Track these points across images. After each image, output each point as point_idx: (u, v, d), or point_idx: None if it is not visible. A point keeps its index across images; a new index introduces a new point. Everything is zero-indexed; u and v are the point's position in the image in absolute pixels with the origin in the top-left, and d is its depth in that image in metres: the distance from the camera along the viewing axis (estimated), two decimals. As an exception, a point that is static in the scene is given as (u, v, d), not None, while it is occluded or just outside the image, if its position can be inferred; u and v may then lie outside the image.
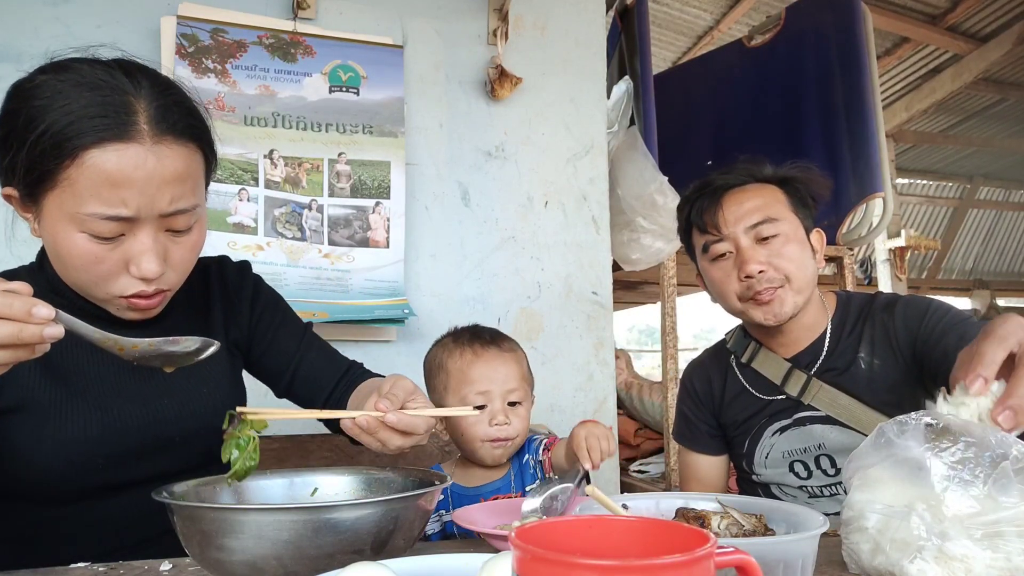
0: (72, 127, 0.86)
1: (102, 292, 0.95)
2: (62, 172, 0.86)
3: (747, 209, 1.39)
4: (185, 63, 1.82)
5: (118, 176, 0.86)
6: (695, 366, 1.62)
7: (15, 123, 0.89)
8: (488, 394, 1.28)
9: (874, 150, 2.54)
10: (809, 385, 1.40)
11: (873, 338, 1.39)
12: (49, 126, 0.86)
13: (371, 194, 1.97)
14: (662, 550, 0.49)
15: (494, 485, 1.30)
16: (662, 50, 5.85)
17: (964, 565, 0.73)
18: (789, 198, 1.43)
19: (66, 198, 0.87)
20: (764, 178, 1.45)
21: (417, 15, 2.10)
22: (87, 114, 0.86)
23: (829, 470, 1.38)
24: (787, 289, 1.37)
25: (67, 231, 0.89)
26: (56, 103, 0.87)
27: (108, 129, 0.86)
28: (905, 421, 0.82)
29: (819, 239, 1.45)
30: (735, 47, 3.13)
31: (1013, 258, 10.94)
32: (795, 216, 1.41)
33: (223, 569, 0.76)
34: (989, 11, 5.50)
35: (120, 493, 1.04)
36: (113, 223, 0.88)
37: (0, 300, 0.70)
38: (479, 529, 0.97)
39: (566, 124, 2.24)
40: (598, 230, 2.25)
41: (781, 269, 1.36)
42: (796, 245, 1.38)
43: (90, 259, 0.90)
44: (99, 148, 0.86)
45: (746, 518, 0.87)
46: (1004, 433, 0.78)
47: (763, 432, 1.45)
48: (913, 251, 6.94)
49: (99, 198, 0.87)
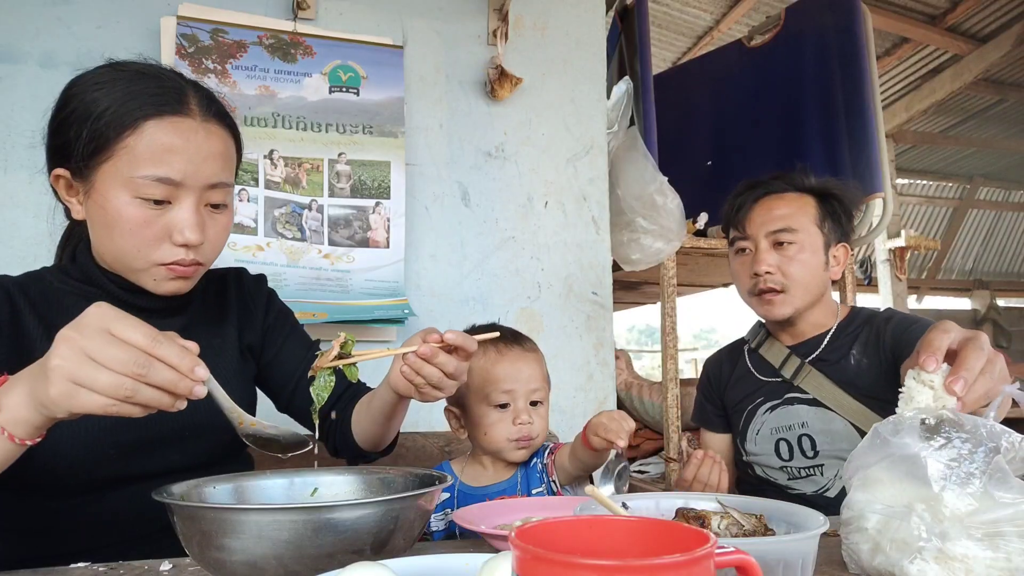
0: (134, 101, 0.98)
1: (143, 260, 1.01)
2: (121, 142, 0.96)
3: (773, 216, 1.57)
4: (185, 63, 1.82)
5: (172, 144, 0.98)
6: (712, 358, 1.83)
7: (74, 107, 0.99)
8: (512, 393, 1.27)
9: (874, 150, 2.54)
10: (801, 369, 1.57)
11: (867, 341, 1.55)
12: (112, 103, 0.97)
13: (371, 194, 1.97)
14: (662, 550, 0.49)
15: (501, 486, 1.30)
16: (662, 50, 5.85)
17: (964, 565, 0.73)
18: (820, 211, 1.58)
19: (122, 165, 0.97)
20: (803, 188, 1.60)
21: (417, 15, 2.10)
22: (147, 92, 0.99)
23: (808, 451, 1.54)
24: (788, 295, 1.55)
25: (120, 196, 0.98)
26: (118, 86, 0.99)
27: (166, 104, 0.99)
28: (899, 420, 0.83)
29: (844, 253, 1.61)
30: (735, 47, 3.13)
31: (1013, 258, 10.94)
32: (818, 229, 1.57)
33: (223, 569, 0.76)
34: (989, 11, 5.51)
35: (128, 486, 1.05)
36: (163, 186, 0.97)
37: (174, 351, 0.77)
38: (479, 529, 0.97)
39: (566, 124, 2.24)
40: (598, 230, 2.25)
41: (788, 274, 1.54)
42: (809, 255, 1.55)
43: (139, 222, 0.98)
44: (157, 119, 0.97)
45: (746, 518, 0.86)
46: (992, 423, 0.79)
47: (757, 410, 1.62)
48: (913, 251, 6.94)
49: (153, 161, 0.97)
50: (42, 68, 1.76)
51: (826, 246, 1.58)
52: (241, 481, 0.97)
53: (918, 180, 9.46)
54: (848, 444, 1.49)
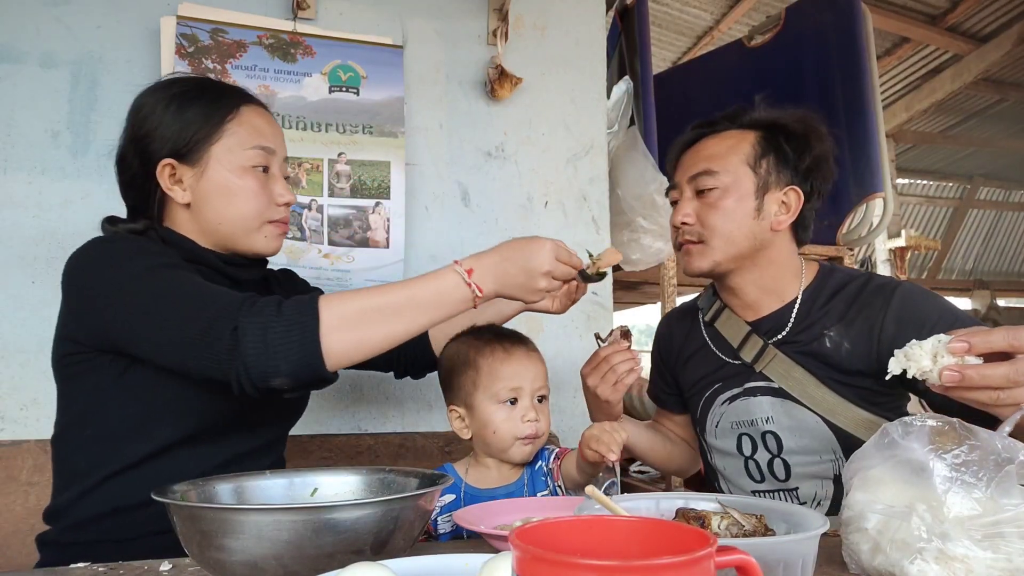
0: (231, 90, 1.24)
1: (260, 220, 1.21)
2: (225, 124, 1.18)
3: (698, 158, 1.36)
4: (185, 63, 1.82)
5: (264, 125, 1.23)
6: (662, 322, 1.62)
7: (182, 97, 1.18)
8: (520, 391, 1.29)
9: (874, 150, 2.54)
10: (764, 352, 1.34)
11: (851, 321, 1.28)
12: (216, 93, 1.21)
13: (371, 194, 1.97)
14: (662, 550, 0.49)
15: (507, 489, 1.31)
16: (662, 50, 5.85)
17: (964, 566, 0.72)
18: (758, 148, 1.34)
19: (233, 143, 1.18)
20: (747, 124, 1.37)
21: (417, 15, 2.10)
22: (231, 90, 1.25)
23: (774, 449, 1.34)
24: (707, 245, 1.33)
25: (237, 169, 1.18)
26: (209, 82, 1.26)
27: (250, 98, 1.25)
28: (910, 422, 0.82)
29: (795, 198, 1.34)
30: (735, 47, 3.13)
31: (1013, 258, 10.94)
32: (750, 169, 1.33)
33: (223, 569, 0.75)
34: (989, 11, 5.51)
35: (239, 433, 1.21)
36: (264, 154, 1.20)
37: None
38: (479, 529, 0.97)
39: (566, 124, 2.24)
40: (598, 230, 2.25)
41: (706, 224, 1.33)
42: (733, 200, 1.31)
43: (256, 188, 1.19)
44: (249, 106, 1.23)
45: (746, 518, 0.86)
46: (1008, 438, 0.77)
47: (714, 399, 1.41)
48: (913, 251, 6.95)
49: (256, 136, 1.20)
50: (42, 68, 1.76)
51: (760, 189, 1.32)
52: (241, 481, 0.97)
53: (918, 180, 9.46)
54: (820, 445, 1.29)
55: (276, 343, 0.96)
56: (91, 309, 1.09)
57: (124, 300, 1.05)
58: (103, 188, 1.75)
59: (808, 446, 1.30)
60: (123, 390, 1.11)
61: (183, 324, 1.00)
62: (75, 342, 1.12)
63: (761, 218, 1.32)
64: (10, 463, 1.55)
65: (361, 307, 1.02)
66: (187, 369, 1.02)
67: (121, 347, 1.08)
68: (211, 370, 0.99)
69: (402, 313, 1.04)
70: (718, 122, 1.40)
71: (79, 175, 1.75)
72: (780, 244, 1.36)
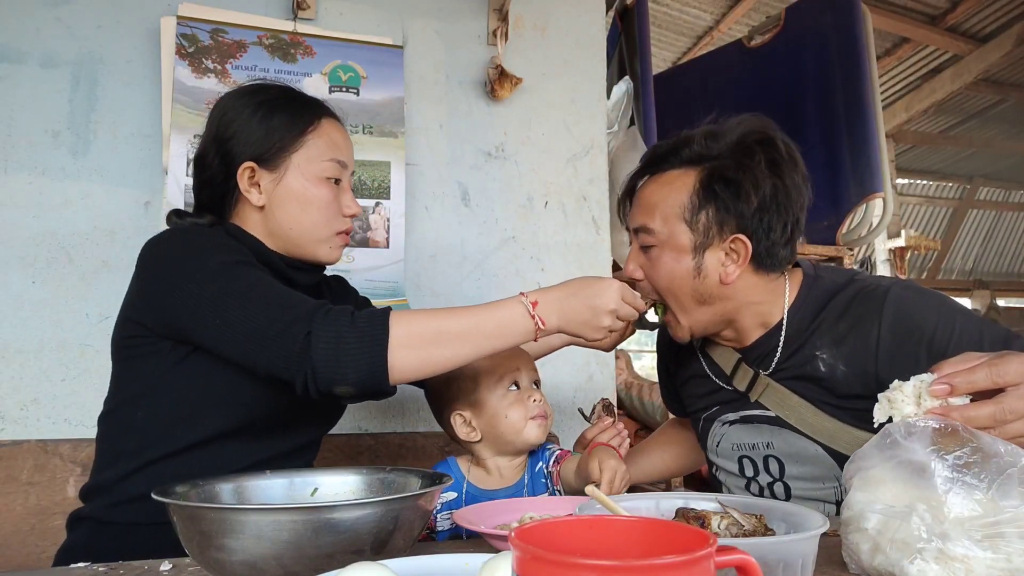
0: (314, 103, 1.28)
1: (328, 230, 1.25)
2: (307, 135, 1.22)
3: (638, 208, 1.26)
4: (185, 63, 1.82)
5: (340, 139, 1.28)
6: (661, 331, 1.50)
7: (268, 105, 1.23)
8: (519, 373, 1.33)
9: (874, 150, 2.54)
10: (756, 382, 1.26)
11: (843, 338, 1.18)
12: (300, 104, 1.25)
13: (371, 194, 1.97)
14: (662, 550, 0.49)
15: (508, 490, 1.31)
16: (662, 50, 5.86)
17: (964, 566, 0.72)
18: (697, 196, 1.20)
19: (312, 152, 1.22)
20: (686, 159, 1.24)
21: (417, 15, 2.10)
22: (313, 102, 1.28)
23: (776, 472, 1.28)
24: (672, 315, 1.27)
25: (313, 178, 1.22)
26: (293, 92, 1.28)
27: (330, 111, 1.29)
28: (913, 423, 0.82)
29: (743, 248, 1.19)
30: (735, 47, 3.13)
31: (1013, 258, 10.94)
32: (684, 225, 1.20)
33: (223, 569, 0.75)
34: (989, 12, 5.51)
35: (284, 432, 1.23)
36: (338, 167, 1.24)
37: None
38: (479, 529, 0.97)
39: (566, 124, 2.24)
40: (598, 230, 2.25)
41: (653, 282, 1.26)
42: (670, 259, 1.22)
43: (329, 198, 1.23)
44: (329, 119, 1.27)
45: (746, 518, 0.86)
46: (1013, 445, 0.77)
47: (714, 420, 1.36)
48: (913, 251, 6.95)
49: (333, 149, 1.25)
50: (42, 68, 1.76)
51: (699, 248, 1.20)
52: (241, 481, 0.97)
53: (918, 180, 9.46)
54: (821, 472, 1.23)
55: (347, 352, 1.00)
56: (164, 294, 1.11)
57: (200, 290, 1.07)
58: (103, 188, 1.75)
59: (810, 472, 1.25)
60: (179, 376, 1.14)
61: (261, 322, 1.03)
62: (140, 324, 1.15)
63: (702, 277, 1.21)
64: (10, 463, 1.55)
65: (429, 328, 1.06)
66: (254, 364, 1.05)
67: (187, 334, 1.11)
68: (279, 369, 1.03)
69: (466, 339, 1.08)
70: (664, 158, 1.27)
71: (79, 175, 1.75)
72: (742, 289, 1.23)
